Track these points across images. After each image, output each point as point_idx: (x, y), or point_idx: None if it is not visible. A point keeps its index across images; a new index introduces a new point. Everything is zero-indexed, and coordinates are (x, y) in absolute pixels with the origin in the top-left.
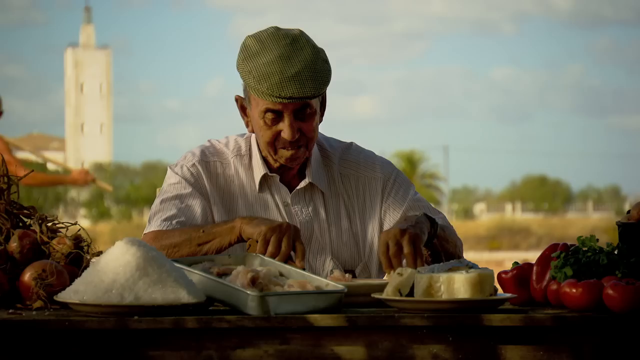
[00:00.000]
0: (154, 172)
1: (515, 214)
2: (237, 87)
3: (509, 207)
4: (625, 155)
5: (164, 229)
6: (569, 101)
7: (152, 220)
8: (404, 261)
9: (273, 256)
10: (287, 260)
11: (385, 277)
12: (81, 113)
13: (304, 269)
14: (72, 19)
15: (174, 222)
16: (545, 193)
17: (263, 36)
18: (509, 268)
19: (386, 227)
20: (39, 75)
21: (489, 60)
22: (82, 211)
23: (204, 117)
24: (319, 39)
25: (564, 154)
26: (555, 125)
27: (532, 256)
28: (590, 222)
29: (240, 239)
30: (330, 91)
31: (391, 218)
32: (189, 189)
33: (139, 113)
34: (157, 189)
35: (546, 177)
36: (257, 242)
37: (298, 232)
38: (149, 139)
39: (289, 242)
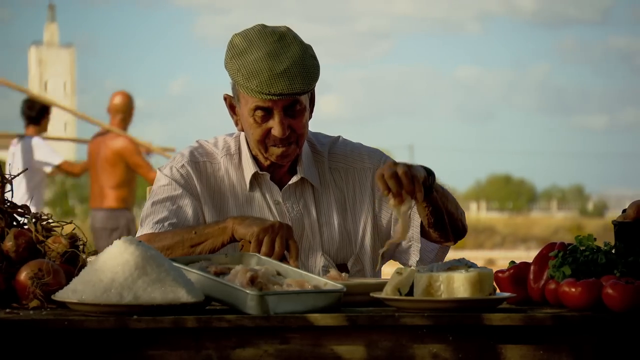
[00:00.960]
0: None
1: (480, 213)
2: (202, 86)
3: (473, 206)
4: (589, 154)
5: (157, 231)
6: (534, 101)
7: (144, 224)
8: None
9: (267, 257)
10: (281, 260)
11: (392, 209)
12: None
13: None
14: (35, 17)
15: (165, 224)
16: (509, 192)
17: (250, 34)
18: None
19: (382, 215)
20: (2, 74)
21: (454, 60)
22: (46, 210)
23: (169, 115)
24: None
25: (528, 153)
26: (519, 124)
27: (497, 255)
28: (555, 222)
29: (233, 240)
30: None
31: (385, 206)
32: (179, 190)
33: (104, 112)
34: (148, 189)
35: (510, 176)
36: (250, 242)
37: (291, 231)
38: None
39: (282, 242)
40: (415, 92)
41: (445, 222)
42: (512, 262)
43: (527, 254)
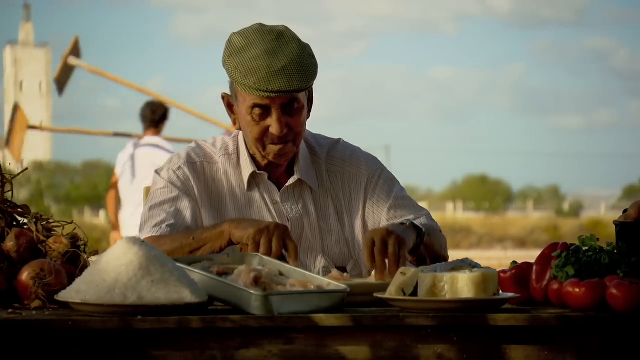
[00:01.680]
0: (95, 170)
1: (457, 213)
2: (178, 85)
3: (450, 206)
4: (565, 155)
5: (155, 234)
6: (509, 101)
7: (143, 229)
8: (387, 261)
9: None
10: (280, 259)
11: (372, 275)
12: None
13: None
14: (11, 16)
15: (163, 226)
16: (485, 192)
17: (248, 32)
18: None
19: (370, 224)
20: None
21: (430, 60)
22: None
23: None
24: None
25: (504, 153)
26: (495, 125)
27: (473, 255)
28: (531, 222)
29: (231, 243)
30: None
31: (374, 215)
32: (176, 192)
33: (79, 111)
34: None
35: (487, 176)
36: (247, 245)
37: (287, 231)
38: (89, 138)
39: (279, 241)
40: (391, 92)
41: (427, 264)
42: (514, 262)
43: (503, 254)
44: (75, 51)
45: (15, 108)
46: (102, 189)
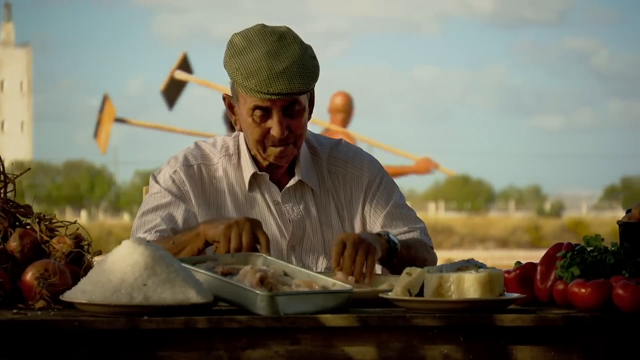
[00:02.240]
0: (76, 170)
1: (439, 213)
2: (159, 86)
3: (432, 206)
4: (546, 155)
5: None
6: (491, 101)
7: (135, 235)
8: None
9: (236, 251)
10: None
11: (337, 276)
12: (2, 111)
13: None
14: None
15: (153, 231)
16: (467, 192)
17: (250, 33)
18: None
19: (367, 227)
20: None
21: (412, 60)
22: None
23: (125, 115)
24: None
25: (486, 153)
26: (477, 125)
27: (455, 255)
28: (512, 222)
29: (207, 244)
30: None
31: (370, 219)
32: (168, 197)
33: (60, 111)
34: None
35: (469, 177)
36: (219, 242)
37: (258, 224)
38: (70, 138)
39: (248, 235)
40: (373, 93)
41: None
42: (518, 262)
43: (485, 254)
44: (185, 66)
45: (105, 99)
46: (84, 189)
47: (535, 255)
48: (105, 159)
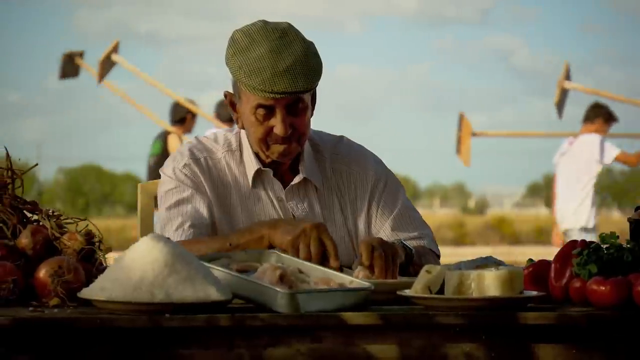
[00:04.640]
0: None
1: None
2: (81, 80)
3: None
4: (470, 152)
5: (183, 238)
6: (415, 99)
7: (164, 233)
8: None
9: (307, 261)
10: (323, 261)
11: (357, 271)
12: None
13: (341, 268)
14: None
15: (185, 227)
16: None
17: (252, 30)
18: None
19: (372, 229)
20: None
21: (335, 59)
22: None
23: (47, 110)
24: (171, 35)
25: (410, 151)
26: (401, 123)
27: None
28: (437, 218)
29: (271, 247)
30: (176, 87)
31: (377, 221)
32: (188, 191)
33: None
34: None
35: (394, 174)
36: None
37: (324, 229)
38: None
39: (317, 244)
40: None
41: None
42: (531, 259)
43: None
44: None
45: (461, 117)
46: None
47: (460, 252)
48: (28, 154)
